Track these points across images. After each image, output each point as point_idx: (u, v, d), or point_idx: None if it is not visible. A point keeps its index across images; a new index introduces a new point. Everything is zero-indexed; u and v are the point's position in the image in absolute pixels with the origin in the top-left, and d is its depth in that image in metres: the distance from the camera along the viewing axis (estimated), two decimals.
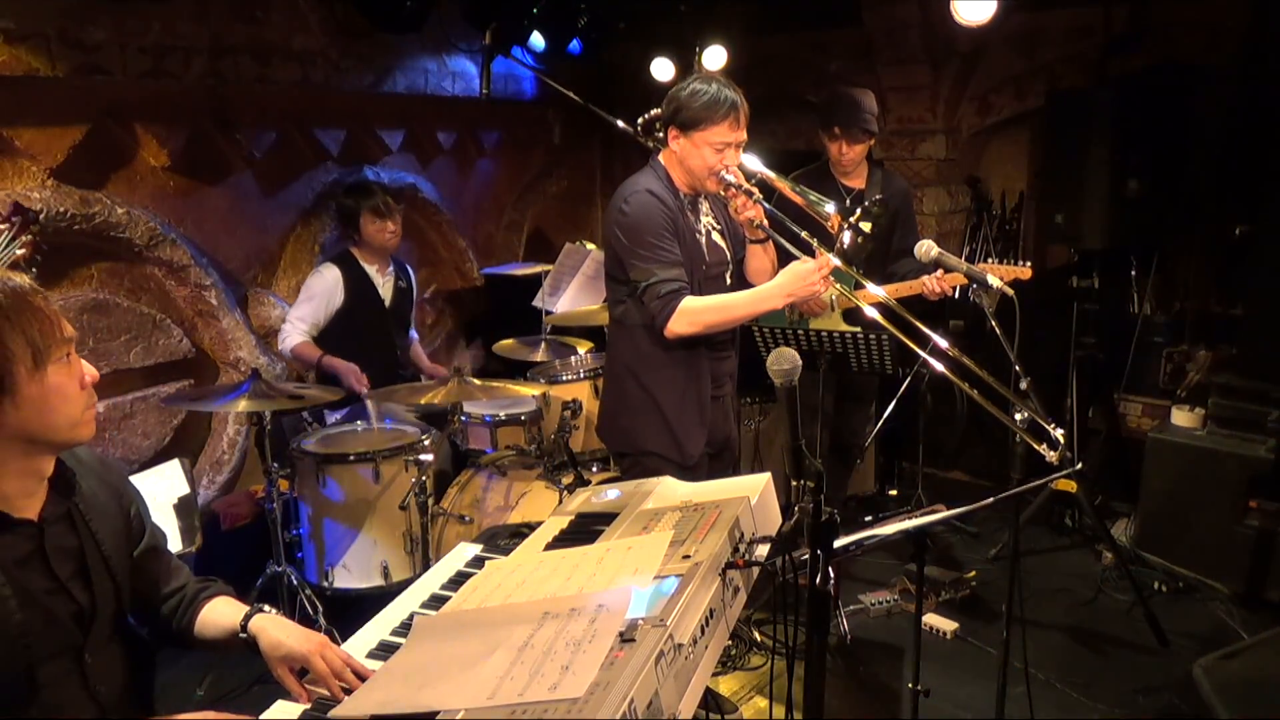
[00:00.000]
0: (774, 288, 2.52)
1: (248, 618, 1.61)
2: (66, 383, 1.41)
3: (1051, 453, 2.07)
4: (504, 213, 5.77)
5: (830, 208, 2.55)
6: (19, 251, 2.94)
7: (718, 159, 2.52)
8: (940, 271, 3.14)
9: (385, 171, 4.78)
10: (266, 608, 1.65)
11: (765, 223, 2.59)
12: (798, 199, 2.64)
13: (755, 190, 2.55)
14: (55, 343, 1.38)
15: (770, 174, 2.71)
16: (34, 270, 2.69)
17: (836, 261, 2.48)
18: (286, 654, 1.55)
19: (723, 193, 2.59)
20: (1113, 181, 3.89)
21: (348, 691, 1.49)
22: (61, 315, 1.41)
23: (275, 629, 1.58)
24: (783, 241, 2.59)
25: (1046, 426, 2.09)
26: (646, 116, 2.94)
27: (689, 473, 2.49)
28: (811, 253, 2.52)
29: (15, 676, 1.38)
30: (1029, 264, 3.22)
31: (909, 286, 3.29)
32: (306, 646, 1.54)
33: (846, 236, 2.53)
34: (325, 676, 1.52)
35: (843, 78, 4.99)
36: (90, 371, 1.46)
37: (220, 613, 1.66)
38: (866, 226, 2.53)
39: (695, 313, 2.52)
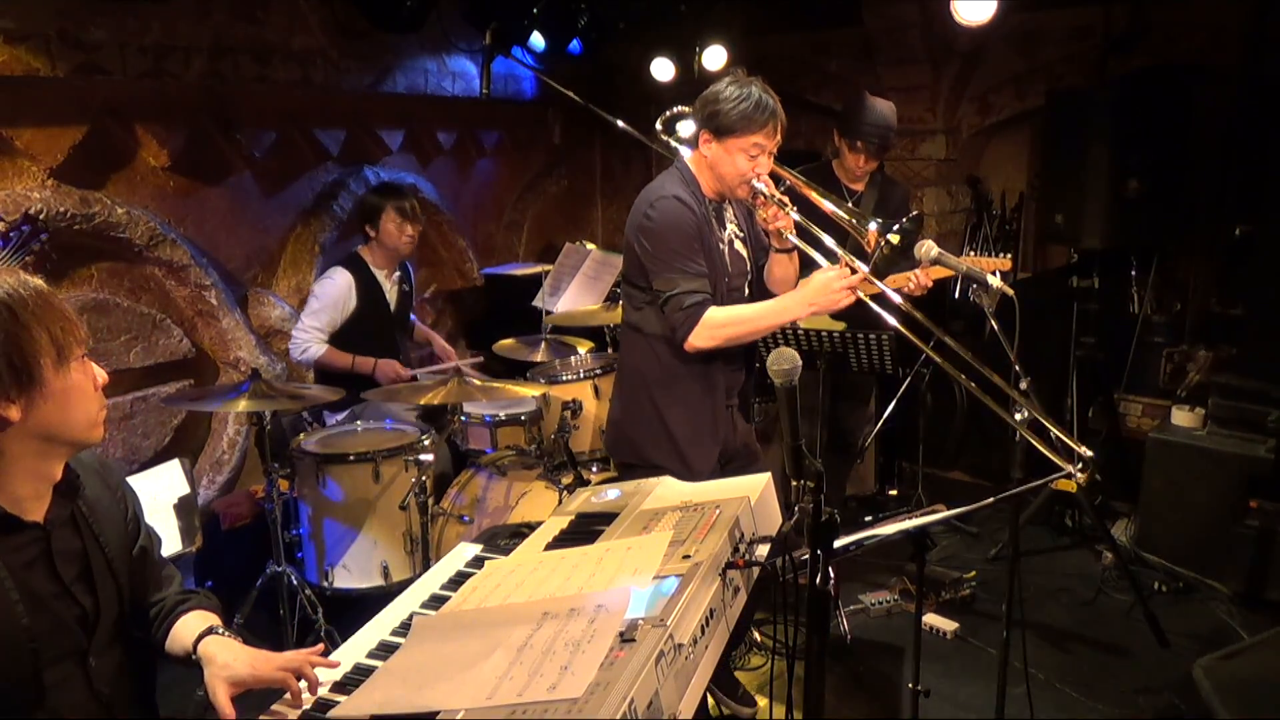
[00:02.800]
0: (797, 298, 2.45)
1: (199, 639, 1.54)
2: (85, 381, 1.43)
3: (1081, 474, 2.02)
4: (504, 213, 5.77)
5: (872, 225, 2.48)
6: (26, 259, 2.99)
7: (750, 166, 2.44)
8: (925, 265, 3.08)
9: (385, 171, 4.77)
10: (220, 630, 1.57)
11: (794, 234, 2.52)
12: (838, 211, 2.57)
13: (786, 200, 2.48)
14: (75, 341, 1.41)
15: (802, 181, 2.63)
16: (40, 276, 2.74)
17: (864, 269, 2.41)
18: (231, 675, 1.47)
19: (750, 200, 2.52)
20: (1113, 181, 3.88)
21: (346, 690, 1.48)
22: (78, 318, 1.43)
23: (225, 652, 1.51)
24: (811, 252, 2.50)
25: (1074, 446, 2.03)
26: (671, 112, 2.83)
27: None
28: (837, 262, 2.46)
29: (22, 680, 1.38)
30: (1008, 255, 3.20)
31: (892, 280, 3.25)
32: (257, 671, 1.47)
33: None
34: (283, 681, 1.47)
35: (843, 77, 4.98)
36: (101, 375, 1.48)
37: (188, 629, 1.58)
38: (895, 239, 2.46)
39: (717, 326, 2.43)
